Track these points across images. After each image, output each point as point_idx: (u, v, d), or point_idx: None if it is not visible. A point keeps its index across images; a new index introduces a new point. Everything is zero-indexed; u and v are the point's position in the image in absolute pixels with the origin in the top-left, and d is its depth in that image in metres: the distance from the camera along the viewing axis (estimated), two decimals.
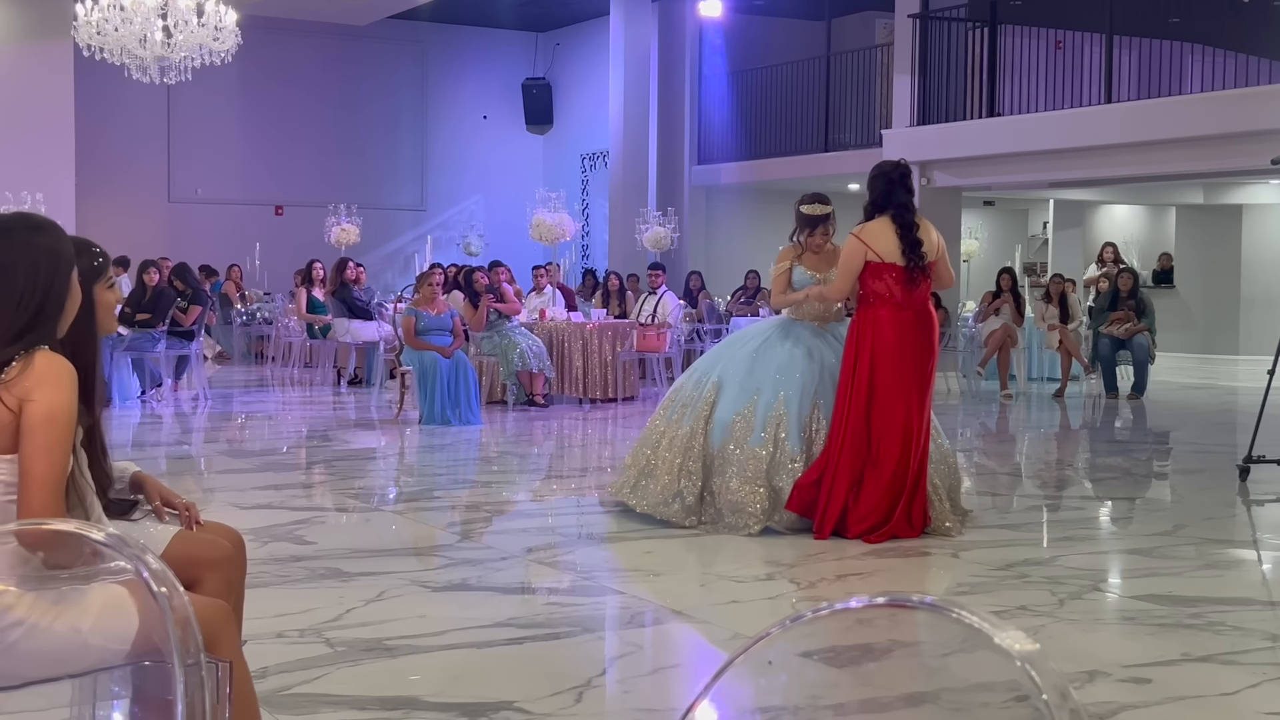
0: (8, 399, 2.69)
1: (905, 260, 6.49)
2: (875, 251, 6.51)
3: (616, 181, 20.01)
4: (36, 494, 2.68)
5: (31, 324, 2.75)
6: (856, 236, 6.58)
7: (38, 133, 16.88)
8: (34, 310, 2.75)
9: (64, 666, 2.64)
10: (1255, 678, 4.40)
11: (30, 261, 2.77)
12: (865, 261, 6.52)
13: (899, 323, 6.50)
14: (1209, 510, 7.65)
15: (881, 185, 6.62)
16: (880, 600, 1.60)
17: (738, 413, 6.68)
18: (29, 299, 2.75)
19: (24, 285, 2.75)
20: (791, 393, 6.66)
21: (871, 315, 6.52)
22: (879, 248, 6.51)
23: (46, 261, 2.79)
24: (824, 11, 19.38)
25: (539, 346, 12.60)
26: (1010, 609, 5.21)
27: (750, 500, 6.51)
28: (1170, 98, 13.74)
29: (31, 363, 2.70)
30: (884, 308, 6.51)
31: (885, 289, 6.51)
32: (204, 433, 11.03)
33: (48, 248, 2.80)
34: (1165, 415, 12.98)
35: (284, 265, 19.10)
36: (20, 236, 2.79)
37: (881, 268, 6.50)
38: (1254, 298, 20.69)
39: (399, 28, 21.69)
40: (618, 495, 7.04)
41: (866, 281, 6.55)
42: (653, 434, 7.01)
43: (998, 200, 22.65)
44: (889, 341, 6.47)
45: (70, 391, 2.73)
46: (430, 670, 4.33)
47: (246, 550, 3.40)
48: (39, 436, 2.68)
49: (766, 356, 6.81)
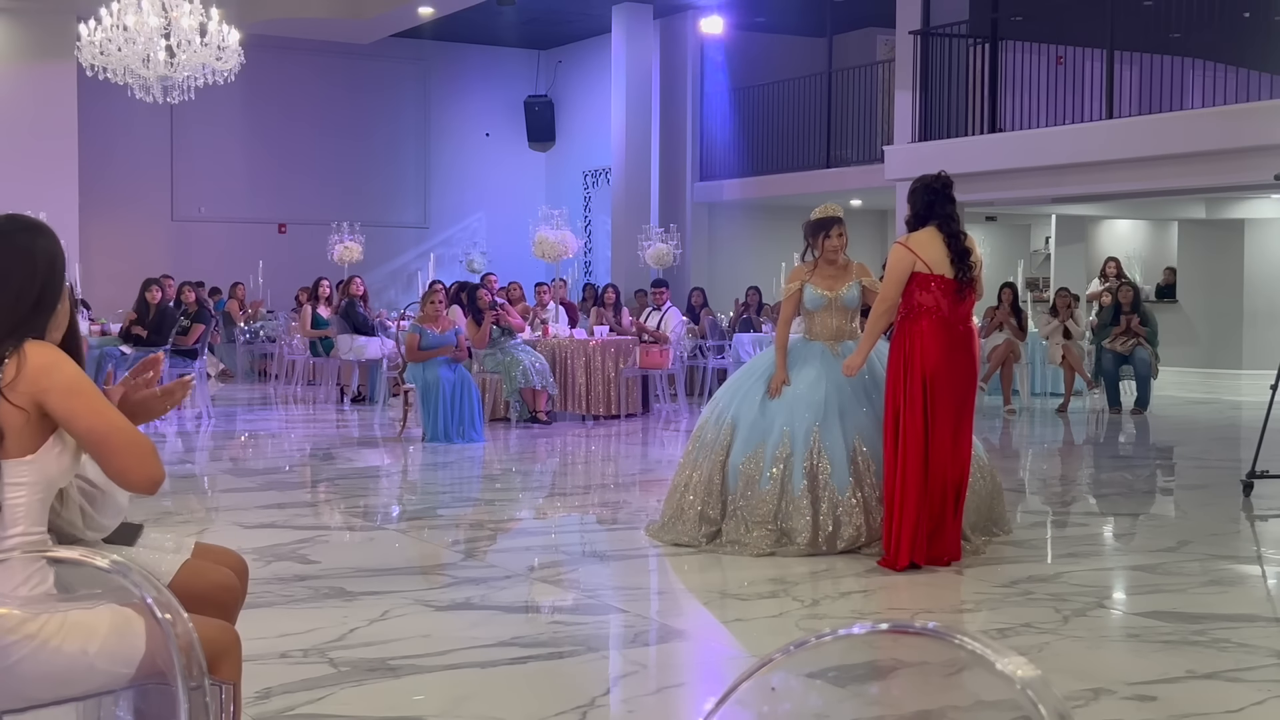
0: (16, 398, 2.67)
1: (955, 271, 6.24)
2: (924, 261, 6.21)
3: (619, 198, 20.04)
4: (124, 448, 2.68)
5: (22, 321, 2.74)
6: (904, 245, 6.30)
7: (41, 152, 16.93)
8: (30, 306, 2.75)
9: (70, 689, 2.64)
10: (1261, 694, 4.39)
11: (27, 262, 2.78)
12: (913, 272, 6.23)
13: (948, 337, 6.22)
14: (1213, 526, 7.64)
15: (925, 196, 6.36)
16: (883, 626, 1.60)
17: (748, 455, 6.62)
18: (26, 296, 2.75)
19: (20, 284, 2.76)
20: (798, 429, 6.55)
21: (917, 329, 6.21)
22: (928, 257, 6.22)
23: (43, 261, 2.80)
24: (825, 28, 19.42)
25: (542, 363, 12.60)
26: (1014, 626, 5.20)
27: (756, 543, 6.47)
28: (1172, 113, 13.75)
29: (24, 357, 2.69)
30: (930, 321, 6.20)
31: (933, 301, 6.21)
32: (207, 451, 11.03)
33: (44, 249, 2.81)
34: (1168, 430, 12.97)
35: (287, 283, 19.12)
36: (15, 239, 2.80)
37: (929, 279, 6.21)
38: (1257, 312, 20.68)
39: (402, 46, 21.75)
40: (654, 536, 6.97)
41: (913, 293, 6.24)
42: (681, 477, 6.92)
43: (1000, 216, 22.65)
44: (936, 357, 6.18)
45: (72, 363, 2.74)
46: (434, 690, 4.33)
47: (250, 572, 3.41)
48: (79, 404, 2.68)
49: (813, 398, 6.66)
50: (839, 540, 6.44)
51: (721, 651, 5.09)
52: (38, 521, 2.73)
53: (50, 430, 2.73)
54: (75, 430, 2.70)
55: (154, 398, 3.08)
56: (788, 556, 6.38)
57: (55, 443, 2.74)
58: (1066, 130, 14.56)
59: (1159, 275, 21.99)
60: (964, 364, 6.29)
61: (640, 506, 8.19)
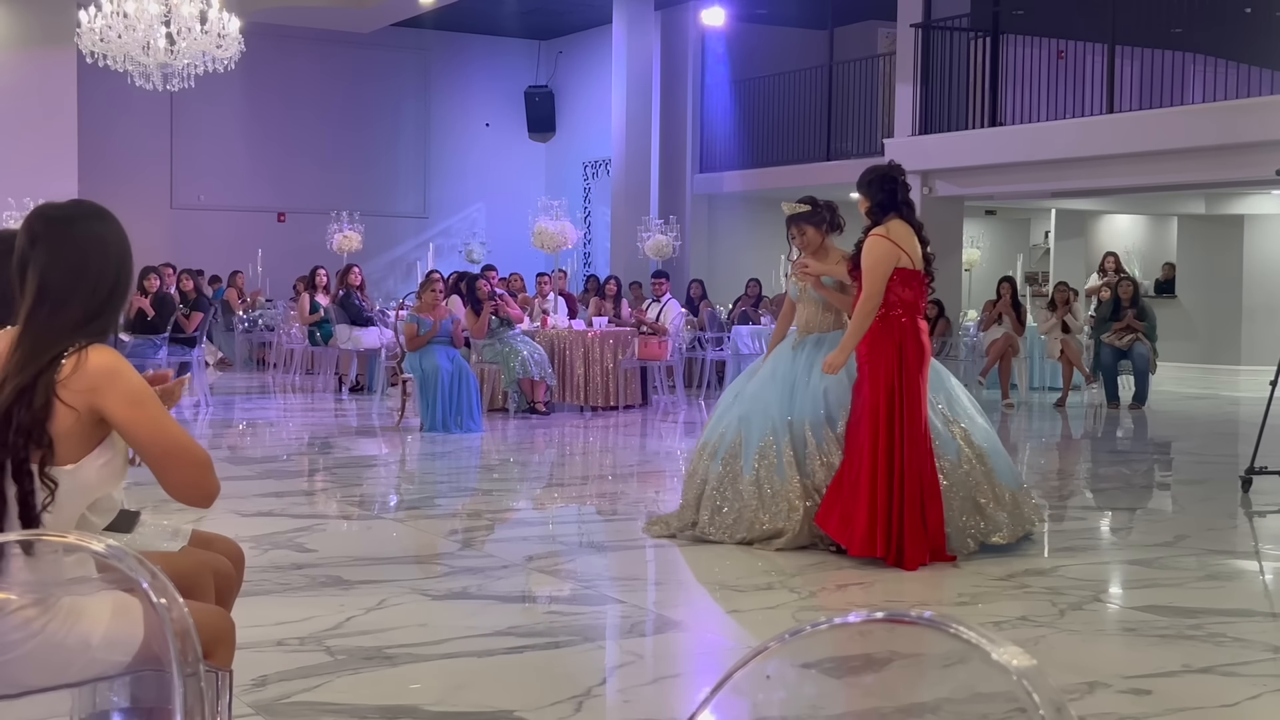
0: (68, 397, 2.59)
1: (927, 266, 6.15)
2: (908, 255, 6.05)
3: (619, 189, 20.02)
4: (186, 464, 2.68)
5: (99, 310, 2.69)
6: (887, 238, 6.07)
7: (41, 139, 16.90)
8: (105, 296, 2.70)
9: (68, 675, 2.64)
10: (1256, 689, 4.39)
11: (100, 248, 2.72)
12: (897, 267, 6.03)
13: (924, 335, 6.14)
14: (1210, 521, 7.65)
15: (886, 185, 6.18)
16: (879, 615, 1.60)
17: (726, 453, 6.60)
18: (102, 286, 2.70)
19: (97, 271, 2.70)
20: (779, 428, 6.44)
21: (899, 326, 6.05)
22: (910, 250, 6.07)
23: (116, 247, 2.75)
24: (826, 21, 19.40)
25: (540, 354, 12.60)
26: (1011, 619, 5.21)
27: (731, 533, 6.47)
28: (1172, 108, 13.74)
29: (85, 360, 2.62)
30: (910, 317, 6.09)
31: (913, 297, 6.08)
32: (205, 439, 11.03)
33: (116, 234, 2.77)
34: (1167, 425, 12.97)
35: (286, 272, 19.10)
36: (90, 226, 2.75)
37: (913, 274, 6.07)
38: (1256, 308, 20.68)
39: (402, 35, 21.72)
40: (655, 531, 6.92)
41: (895, 289, 6.05)
42: (689, 486, 6.88)
43: (999, 210, 22.66)
44: (919, 353, 6.08)
45: (134, 371, 2.68)
46: (430, 679, 4.33)
47: (246, 559, 3.41)
48: (142, 415, 2.63)
49: (765, 394, 6.56)
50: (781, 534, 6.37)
51: (718, 642, 5.09)
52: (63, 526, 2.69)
53: (99, 439, 2.66)
54: (136, 441, 2.65)
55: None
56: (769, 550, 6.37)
57: (102, 453, 2.67)
58: (1067, 125, 14.55)
59: (1158, 270, 21.99)
60: (927, 362, 6.22)
61: (638, 498, 8.20)
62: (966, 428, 6.49)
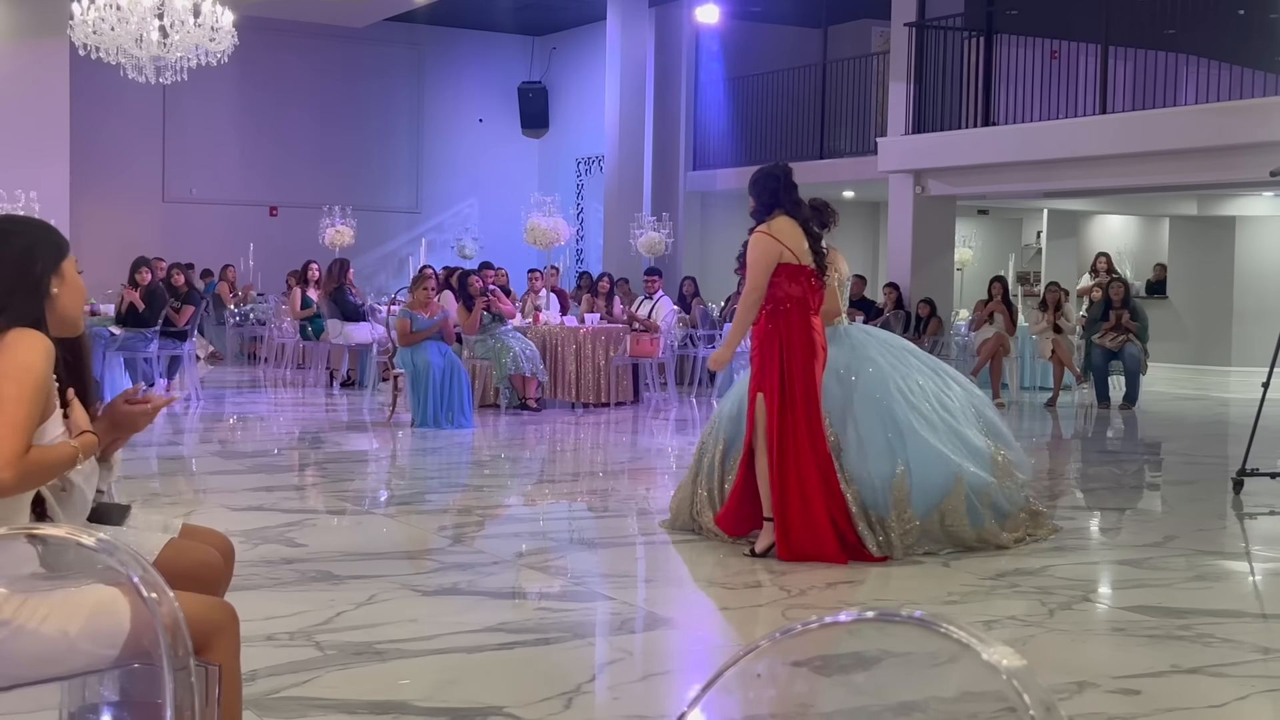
0: None
1: (814, 260, 6.18)
2: (791, 250, 6.13)
3: (611, 186, 20.01)
4: None
5: (5, 302, 2.78)
6: (768, 233, 6.16)
7: (32, 132, 16.86)
8: (6, 290, 2.80)
9: (52, 668, 2.64)
10: (1244, 690, 4.40)
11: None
12: (781, 263, 6.12)
13: (814, 330, 6.19)
14: (1200, 522, 7.66)
15: (769, 184, 6.28)
16: (869, 615, 1.60)
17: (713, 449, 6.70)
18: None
19: None
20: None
21: (786, 323, 6.13)
22: (794, 246, 6.14)
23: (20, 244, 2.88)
24: (820, 19, 19.41)
25: (532, 350, 12.60)
26: (1000, 619, 5.21)
27: None
28: (1165, 109, 13.76)
29: (2, 339, 2.73)
30: (799, 314, 6.15)
31: (800, 292, 6.14)
32: (196, 433, 11.01)
33: (21, 246, 2.90)
34: (1157, 426, 13.00)
35: (278, 266, 19.07)
36: None
37: (800, 269, 6.13)
38: (1247, 310, 20.72)
39: (395, 30, 21.69)
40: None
41: (782, 284, 6.13)
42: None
43: (992, 209, 22.67)
44: (809, 351, 6.16)
45: (42, 356, 2.73)
46: (420, 674, 4.33)
47: (236, 553, 3.41)
48: (7, 388, 2.67)
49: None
50: None
51: (708, 640, 5.10)
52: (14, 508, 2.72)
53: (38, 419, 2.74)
54: None
55: (141, 413, 3.14)
56: None
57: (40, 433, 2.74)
58: (1060, 125, 14.57)
59: (1150, 271, 22.01)
60: (820, 359, 6.25)
61: (629, 494, 8.20)
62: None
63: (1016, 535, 6.61)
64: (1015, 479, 6.71)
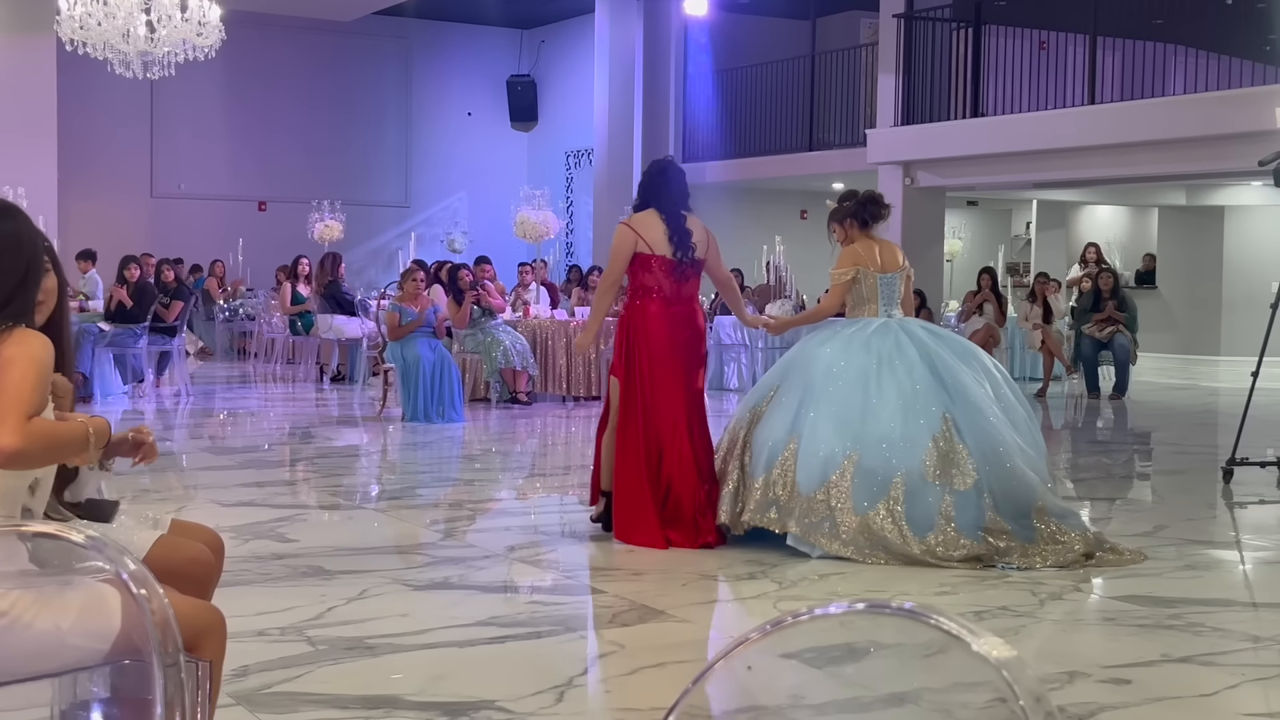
0: None
1: (674, 251, 6.42)
2: (645, 240, 6.42)
3: (601, 179, 20.01)
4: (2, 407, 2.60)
5: (9, 298, 2.73)
6: (627, 225, 6.53)
7: (20, 127, 16.81)
8: (11, 289, 2.74)
9: (43, 664, 2.63)
10: (1234, 679, 4.41)
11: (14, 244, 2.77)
12: (636, 253, 6.43)
13: (669, 317, 6.42)
14: (1190, 511, 7.68)
15: (645, 181, 6.70)
16: (859, 606, 1.60)
17: None
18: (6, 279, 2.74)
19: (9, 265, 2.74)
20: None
21: (639, 309, 6.45)
22: (649, 237, 6.42)
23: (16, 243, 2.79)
24: (809, 11, 19.40)
25: (522, 344, 12.59)
26: (991, 609, 5.22)
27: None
28: (1153, 99, 13.78)
29: (9, 336, 2.67)
30: (653, 301, 6.43)
31: (654, 281, 6.43)
32: (186, 429, 11.00)
33: (27, 230, 2.81)
34: (1146, 416, 13.02)
35: (267, 261, 19.05)
36: None
37: (650, 259, 6.42)
38: (1235, 299, 20.77)
39: (384, 24, 21.65)
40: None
41: (636, 273, 6.48)
42: None
43: (981, 200, 22.70)
44: (660, 337, 6.39)
45: (47, 349, 2.70)
46: (412, 669, 4.32)
47: (226, 549, 3.40)
48: (14, 368, 2.63)
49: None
50: None
51: (699, 633, 5.10)
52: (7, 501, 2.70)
53: None
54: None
55: (127, 443, 3.12)
56: None
57: None
58: (1048, 115, 14.59)
59: (1139, 261, 22.06)
60: (689, 343, 6.46)
61: None
62: None
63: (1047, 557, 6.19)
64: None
